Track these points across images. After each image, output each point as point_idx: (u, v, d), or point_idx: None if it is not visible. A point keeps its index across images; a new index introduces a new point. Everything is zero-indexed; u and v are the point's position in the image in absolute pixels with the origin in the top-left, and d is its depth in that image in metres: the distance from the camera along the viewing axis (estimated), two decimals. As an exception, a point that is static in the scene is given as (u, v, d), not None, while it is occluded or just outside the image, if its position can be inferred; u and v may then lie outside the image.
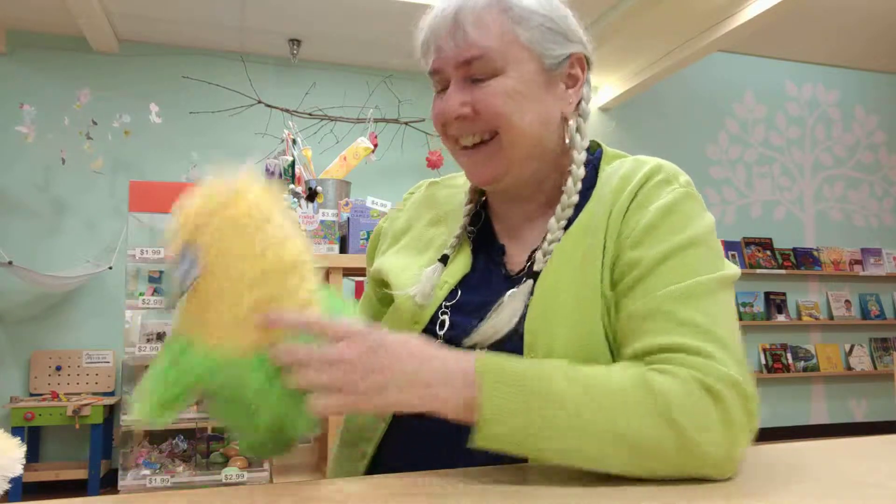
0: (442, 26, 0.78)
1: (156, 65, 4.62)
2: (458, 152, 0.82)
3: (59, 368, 4.19)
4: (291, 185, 2.73)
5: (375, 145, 3.06)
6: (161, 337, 3.83)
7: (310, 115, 4.65)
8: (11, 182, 4.34)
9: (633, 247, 0.73)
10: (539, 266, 0.77)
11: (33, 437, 4.06)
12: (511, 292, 0.76)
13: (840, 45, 5.50)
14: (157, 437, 3.63)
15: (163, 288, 0.86)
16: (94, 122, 4.23)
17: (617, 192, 0.78)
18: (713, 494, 0.58)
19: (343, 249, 2.43)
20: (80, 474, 3.90)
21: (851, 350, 5.76)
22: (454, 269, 0.83)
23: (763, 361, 5.47)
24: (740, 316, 5.34)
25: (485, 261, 0.84)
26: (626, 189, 0.77)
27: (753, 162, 5.85)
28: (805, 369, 5.55)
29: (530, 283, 0.76)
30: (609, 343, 0.71)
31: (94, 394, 4.13)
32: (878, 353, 5.81)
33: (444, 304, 0.81)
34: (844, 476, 0.65)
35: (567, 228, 0.78)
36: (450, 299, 0.81)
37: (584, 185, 0.81)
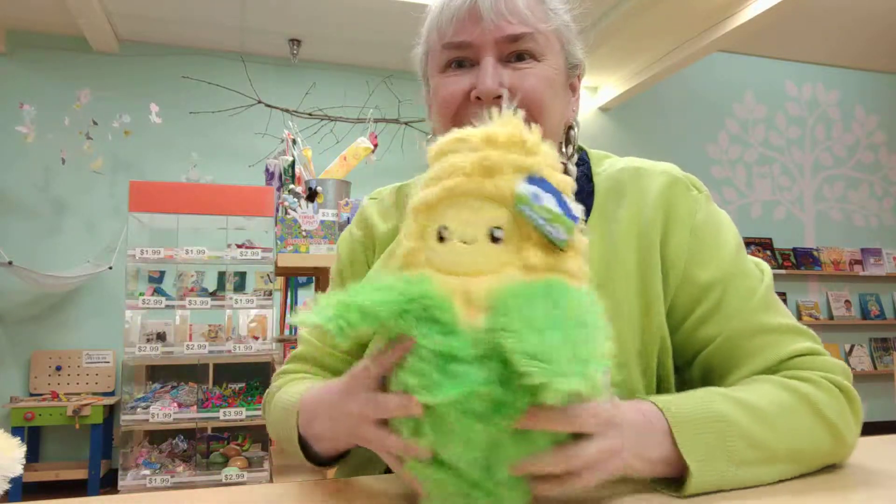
0: None
1: (156, 65, 4.62)
2: None
3: (59, 368, 4.19)
4: (291, 185, 2.74)
5: (375, 145, 3.06)
6: (161, 337, 3.83)
7: (310, 115, 4.65)
8: (11, 182, 4.34)
9: (693, 270, 0.73)
10: None
11: (33, 437, 4.06)
12: None
13: (840, 45, 5.50)
14: (157, 437, 3.63)
15: (545, 218, 0.45)
16: (94, 122, 4.23)
17: (639, 206, 0.76)
18: (713, 494, 0.58)
19: (343, 249, 2.43)
20: (80, 474, 3.90)
21: (851, 350, 5.76)
22: None
23: (763, 361, 5.47)
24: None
25: None
26: (648, 204, 0.75)
27: (753, 162, 5.85)
28: (805, 369, 5.54)
29: None
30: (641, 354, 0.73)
31: (94, 394, 4.13)
32: (878, 353, 5.81)
33: None
34: (845, 476, 0.65)
35: None
36: None
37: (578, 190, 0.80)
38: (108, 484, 3.99)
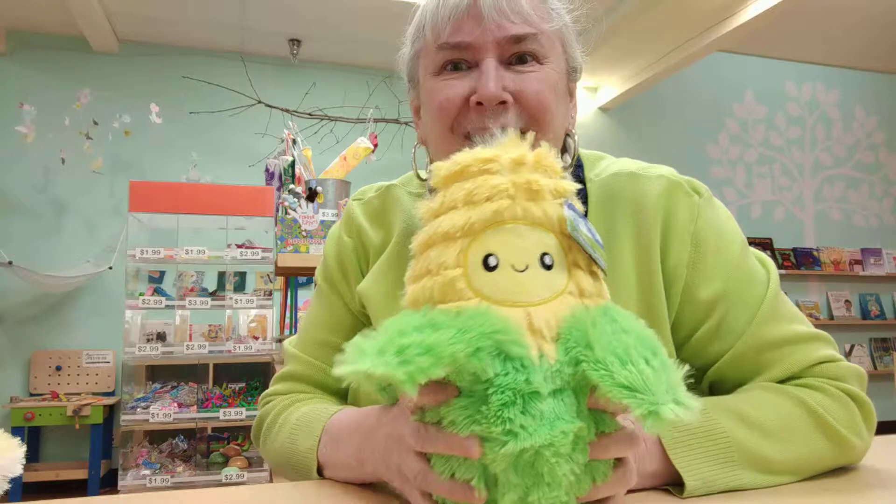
0: None
1: (156, 65, 4.62)
2: (470, 147, 0.74)
3: (59, 368, 4.19)
4: (291, 185, 2.73)
5: (375, 145, 3.06)
6: (161, 337, 3.83)
7: (310, 115, 4.65)
8: (11, 182, 4.34)
9: (696, 283, 0.70)
10: None
11: (33, 437, 4.06)
12: None
13: (840, 45, 5.49)
14: (157, 437, 3.63)
15: (585, 240, 0.46)
16: (94, 122, 4.23)
17: (636, 215, 0.73)
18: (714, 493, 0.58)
19: (343, 249, 2.43)
20: (80, 474, 3.90)
21: (851, 350, 5.76)
22: None
23: (763, 361, 5.48)
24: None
25: None
26: (645, 212, 0.72)
27: (753, 162, 5.85)
28: (805, 369, 5.55)
29: None
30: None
31: (94, 394, 4.13)
32: (878, 353, 5.81)
33: None
34: (845, 476, 0.65)
35: None
36: None
37: None
38: (108, 484, 3.99)
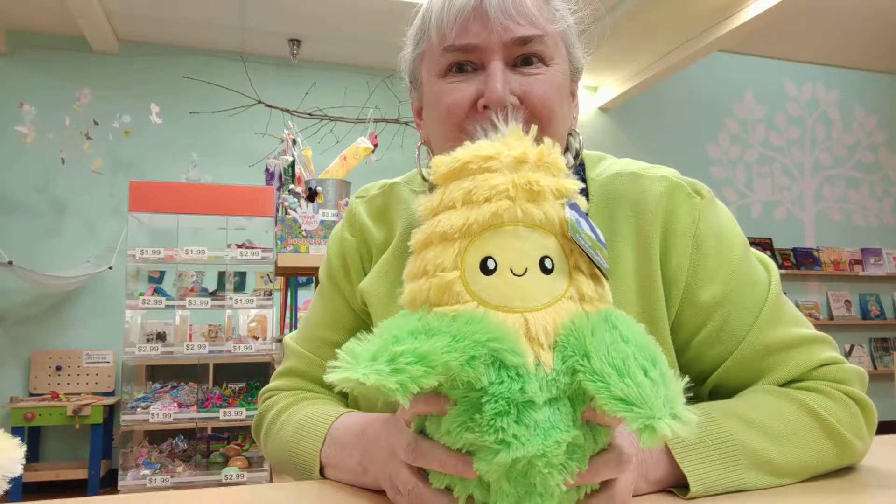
0: None
1: (156, 65, 4.62)
2: None
3: (59, 368, 4.19)
4: (291, 185, 2.74)
5: (375, 145, 3.06)
6: (161, 337, 3.83)
7: (310, 115, 4.65)
8: (11, 182, 4.34)
9: (696, 287, 0.70)
10: None
11: (33, 437, 4.06)
12: None
13: (840, 45, 5.49)
14: (157, 437, 3.63)
15: (586, 242, 0.45)
16: (95, 123, 4.23)
17: (636, 216, 0.72)
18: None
19: (343, 249, 2.43)
20: (80, 474, 3.90)
21: (851, 350, 5.76)
22: None
23: (763, 361, 5.48)
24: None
25: None
26: (646, 213, 0.72)
27: (753, 162, 5.85)
28: (805, 369, 5.55)
29: None
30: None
31: (94, 394, 4.13)
32: (878, 353, 5.81)
33: None
34: (846, 476, 0.65)
35: None
36: None
37: None
38: (108, 484, 3.99)
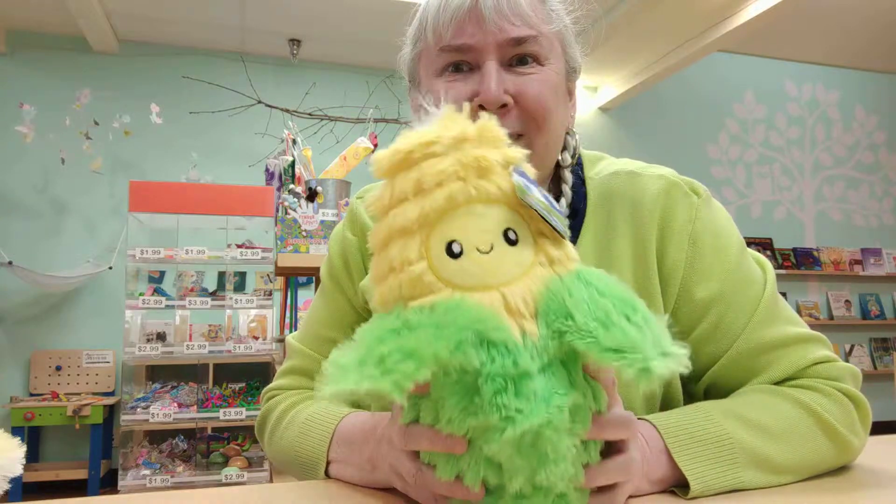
0: None
1: (156, 65, 4.62)
2: None
3: (59, 368, 4.19)
4: (291, 185, 2.74)
5: (375, 145, 3.06)
6: (161, 337, 3.83)
7: (310, 115, 4.65)
8: (11, 182, 4.34)
9: (692, 284, 0.70)
10: None
11: (33, 437, 4.06)
12: None
13: (840, 45, 5.50)
14: (156, 437, 3.64)
15: (546, 213, 0.45)
16: (95, 123, 4.23)
17: (633, 214, 0.73)
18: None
19: (343, 249, 2.42)
20: (80, 474, 3.90)
21: (851, 350, 5.76)
22: None
23: (763, 361, 5.48)
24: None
25: None
26: (643, 210, 0.73)
27: (753, 162, 5.85)
28: (805, 369, 5.55)
29: None
30: None
31: (94, 394, 4.13)
32: (878, 353, 5.82)
33: None
34: (846, 476, 0.65)
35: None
36: None
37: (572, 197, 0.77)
38: (108, 484, 3.99)
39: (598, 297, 0.44)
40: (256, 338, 3.61)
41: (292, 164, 2.87)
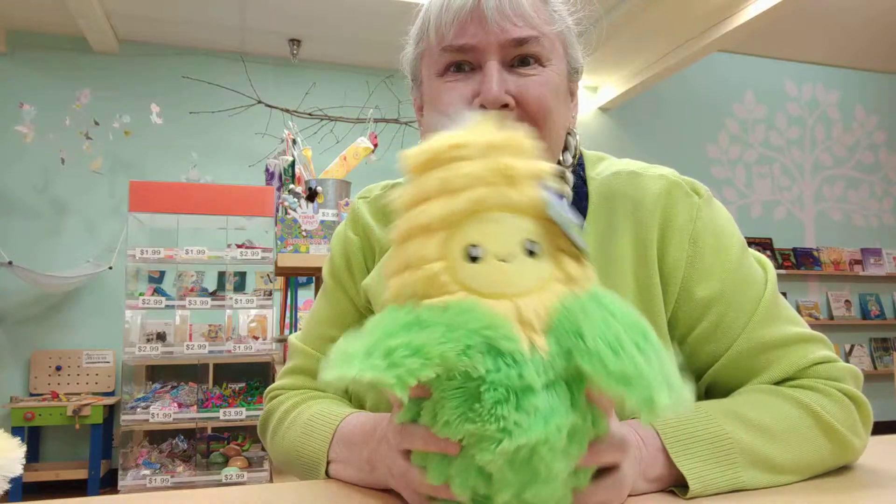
0: None
1: (156, 65, 4.62)
2: None
3: (59, 368, 4.19)
4: (291, 185, 2.74)
5: (375, 145, 3.06)
6: (161, 337, 3.83)
7: (310, 115, 4.65)
8: (11, 182, 4.34)
9: (692, 283, 0.70)
10: None
11: (33, 437, 4.06)
12: None
13: (840, 45, 5.50)
14: (156, 437, 3.63)
15: (564, 221, 0.43)
16: (95, 123, 4.23)
17: (635, 213, 0.73)
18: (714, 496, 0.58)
19: (343, 249, 2.43)
20: (80, 474, 3.90)
21: (851, 350, 5.76)
22: None
23: (763, 361, 5.49)
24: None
25: None
26: (644, 210, 0.73)
27: (753, 162, 5.85)
28: (805, 369, 5.56)
29: None
30: None
31: (94, 394, 4.13)
32: (878, 353, 5.81)
33: None
34: (846, 476, 0.65)
35: None
36: None
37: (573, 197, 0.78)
38: (108, 484, 3.99)
39: (611, 321, 0.44)
40: (256, 338, 3.61)
41: (292, 164, 2.87)
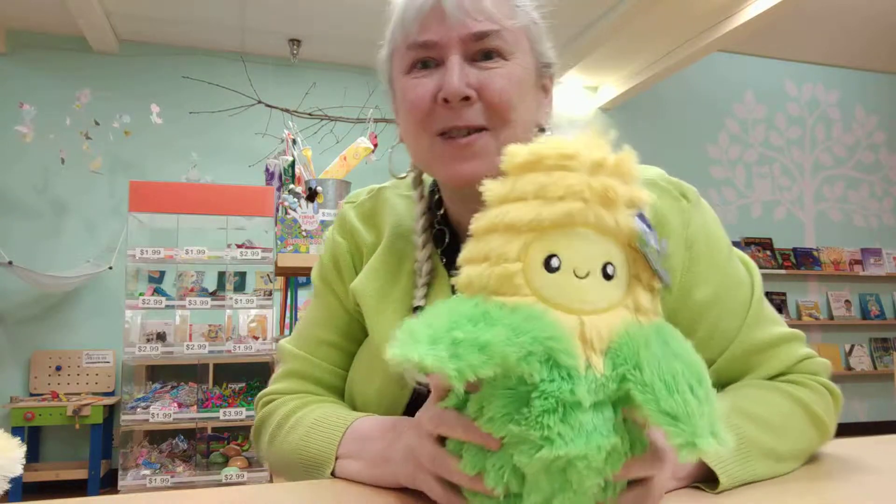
0: None
1: (156, 65, 4.62)
2: (441, 143, 0.70)
3: (59, 368, 4.19)
4: (291, 185, 2.74)
5: (375, 145, 3.06)
6: (161, 337, 3.83)
7: (310, 115, 4.65)
8: (11, 182, 4.34)
9: (690, 288, 0.71)
10: None
11: (33, 437, 4.06)
12: None
13: (840, 45, 5.50)
14: (157, 437, 3.64)
15: (652, 255, 0.45)
16: (96, 123, 4.23)
17: None
18: (711, 497, 0.58)
19: (343, 249, 2.43)
20: (80, 474, 3.90)
21: (851, 350, 5.76)
22: None
23: (763, 361, 5.49)
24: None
25: None
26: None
27: (753, 162, 5.85)
28: (805, 369, 5.56)
29: None
30: None
31: (94, 394, 4.13)
32: (878, 354, 5.81)
33: None
34: (847, 476, 0.65)
35: None
36: None
37: None
38: (108, 484, 3.99)
39: (671, 358, 0.45)
40: (256, 338, 3.61)
41: (292, 164, 2.87)
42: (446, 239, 0.78)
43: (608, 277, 0.47)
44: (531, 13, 0.74)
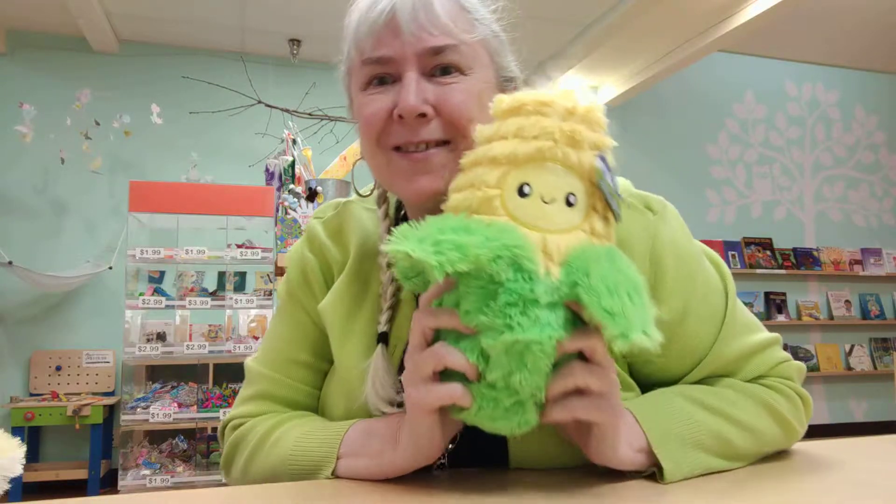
0: (403, 5, 0.66)
1: (156, 65, 4.62)
2: (398, 158, 0.69)
3: (59, 368, 4.19)
4: (291, 185, 2.74)
5: (375, 145, 3.06)
6: (161, 337, 3.83)
7: (310, 115, 4.65)
8: (11, 182, 4.34)
9: (659, 303, 0.68)
10: None
11: (33, 437, 4.06)
12: None
13: (840, 45, 5.50)
14: (156, 437, 3.64)
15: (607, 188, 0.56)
16: (97, 123, 4.23)
17: None
18: (714, 497, 0.59)
19: (343, 249, 2.43)
20: (80, 474, 3.90)
21: (851, 350, 5.76)
22: (400, 337, 0.72)
23: (763, 361, 5.49)
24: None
25: None
26: None
27: (753, 162, 5.85)
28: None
29: None
30: None
31: (94, 394, 4.13)
32: (878, 353, 5.81)
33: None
34: (844, 476, 0.65)
35: None
36: None
37: None
38: (108, 484, 3.99)
39: (616, 272, 0.53)
40: (256, 338, 3.61)
41: (292, 164, 2.87)
42: None
43: (570, 205, 0.56)
44: (491, 26, 0.72)
